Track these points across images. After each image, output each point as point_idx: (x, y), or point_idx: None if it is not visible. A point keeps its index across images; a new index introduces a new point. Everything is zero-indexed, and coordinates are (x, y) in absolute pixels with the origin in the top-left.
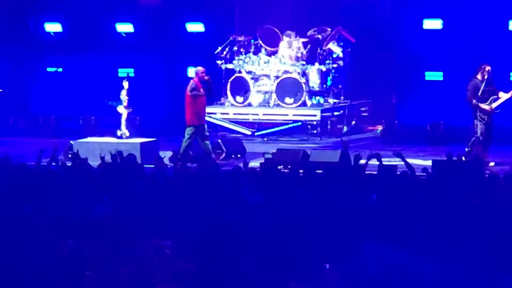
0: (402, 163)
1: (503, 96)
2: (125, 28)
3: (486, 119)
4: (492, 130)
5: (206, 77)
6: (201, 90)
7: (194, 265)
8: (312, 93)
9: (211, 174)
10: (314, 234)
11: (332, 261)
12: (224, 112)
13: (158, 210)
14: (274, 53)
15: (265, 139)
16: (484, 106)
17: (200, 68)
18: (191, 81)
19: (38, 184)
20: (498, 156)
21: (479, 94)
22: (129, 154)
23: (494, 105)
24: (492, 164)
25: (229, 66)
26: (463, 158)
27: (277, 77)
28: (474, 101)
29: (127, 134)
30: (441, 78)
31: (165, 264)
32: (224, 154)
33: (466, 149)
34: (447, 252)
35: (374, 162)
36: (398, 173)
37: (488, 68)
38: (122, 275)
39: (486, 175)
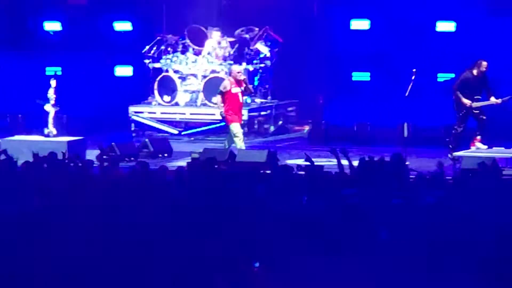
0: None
1: (491, 101)
2: (53, 26)
3: (462, 113)
4: (466, 125)
5: (242, 77)
6: (233, 88)
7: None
8: None
9: (139, 173)
10: (238, 235)
11: (260, 262)
12: (151, 111)
13: (80, 209)
14: (201, 52)
15: (192, 138)
16: (465, 100)
17: (234, 67)
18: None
19: None
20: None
21: (466, 89)
22: (50, 152)
23: (475, 104)
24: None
25: (157, 65)
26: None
27: (204, 77)
28: (457, 92)
29: (54, 132)
30: (368, 79)
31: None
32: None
33: (450, 145)
34: (372, 254)
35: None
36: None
37: (484, 63)
38: (43, 274)
39: (411, 176)
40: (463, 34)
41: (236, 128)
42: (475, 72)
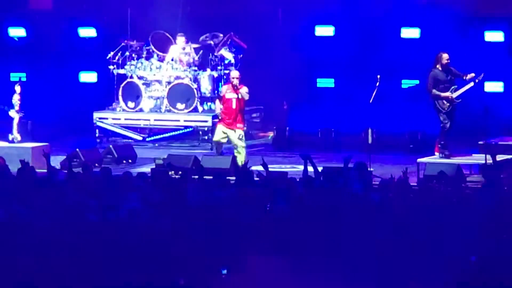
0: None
1: (468, 85)
2: (17, 32)
3: (446, 108)
4: (454, 119)
5: (235, 82)
6: (227, 93)
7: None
8: (203, 99)
9: (100, 180)
10: (203, 241)
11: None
12: (115, 117)
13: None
14: (166, 58)
15: (156, 144)
16: (444, 94)
17: (232, 73)
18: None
19: None
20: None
21: (440, 84)
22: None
23: (455, 94)
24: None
25: (121, 71)
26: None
27: (169, 83)
28: (433, 90)
29: (19, 138)
30: (333, 85)
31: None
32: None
33: (438, 145)
34: (335, 255)
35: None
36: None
37: (444, 55)
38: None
39: (375, 182)
40: (428, 40)
41: (215, 130)
42: (439, 66)
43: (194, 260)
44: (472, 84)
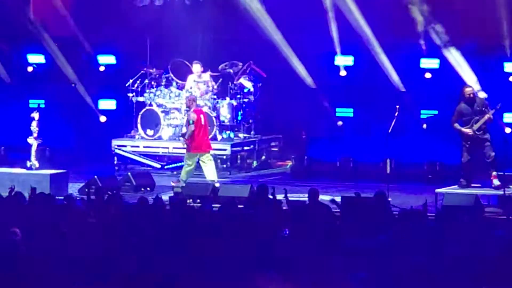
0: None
1: (485, 116)
2: (36, 59)
3: (467, 145)
4: (474, 155)
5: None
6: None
7: None
8: (222, 127)
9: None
10: (221, 268)
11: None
12: (134, 145)
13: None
14: (184, 86)
15: (175, 172)
16: (465, 129)
17: None
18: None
19: None
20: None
21: (463, 117)
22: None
23: (475, 126)
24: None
25: (140, 99)
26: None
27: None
28: (455, 124)
29: (37, 165)
30: (352, 115)
31: None
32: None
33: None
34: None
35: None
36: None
37: (467, 89)
38: None
39: (395, 213)
40: (447, 71)
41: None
42: (464, 100)
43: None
44: (489, 114)
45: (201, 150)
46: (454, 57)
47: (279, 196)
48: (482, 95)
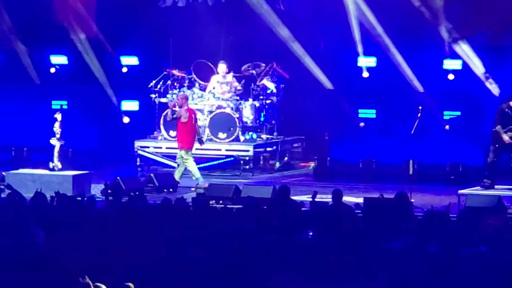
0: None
1: None
2: (59, 60)
3: (496, 147)
4: (500, 158)
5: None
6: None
7: None
8: (245, 129)
9: (140, 208)
10: (249, 269)
11: None
12: (157, 146)
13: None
14: (207, 87)
15: None
16: (505, 137)
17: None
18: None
19: None
20: None
21: (504, 120)
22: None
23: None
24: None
25: (163, 100)
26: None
27: (210, 112)
28: (498, 127)
29: (60, 166)
30: (374, 116)
31: None
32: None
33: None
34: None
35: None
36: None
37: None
38: None
39: (418, 214)
40: (469, 72)
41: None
42: (510, 104)
43: None
44: None
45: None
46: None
47: (302, 197)
48: None
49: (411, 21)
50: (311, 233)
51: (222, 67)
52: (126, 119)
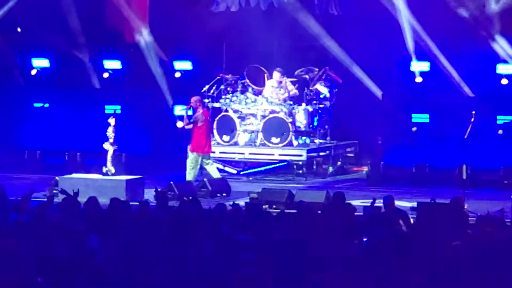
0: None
1: None
2: (112, 65)
3: None
4: None
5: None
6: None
7: None
8: (298, 133)
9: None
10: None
11: None
12: None
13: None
14: (261, 92)
15: (251, 178)
16: None
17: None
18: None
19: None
20: None
21: None
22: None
23: None
24: None
25: (216, 104)
26: None
27: (263, 117)
28: None
29: (113, 171)
30: (428, 120)
31: None
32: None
33: None
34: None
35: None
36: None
37: None
38: None
39: (471, 219)
40: None
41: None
42: None
43: None
44: None
45: (205, 151)
46: None
47: (355, 202)
48: None
49: (465, 25)
50: (365, 239)
51: (276, 75)
52: (179, 124)
